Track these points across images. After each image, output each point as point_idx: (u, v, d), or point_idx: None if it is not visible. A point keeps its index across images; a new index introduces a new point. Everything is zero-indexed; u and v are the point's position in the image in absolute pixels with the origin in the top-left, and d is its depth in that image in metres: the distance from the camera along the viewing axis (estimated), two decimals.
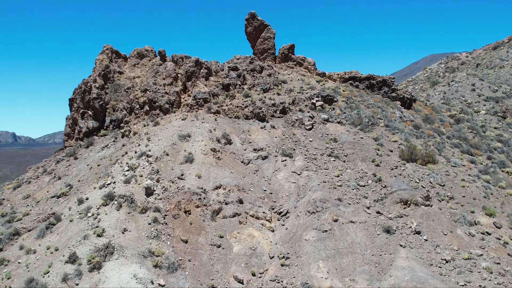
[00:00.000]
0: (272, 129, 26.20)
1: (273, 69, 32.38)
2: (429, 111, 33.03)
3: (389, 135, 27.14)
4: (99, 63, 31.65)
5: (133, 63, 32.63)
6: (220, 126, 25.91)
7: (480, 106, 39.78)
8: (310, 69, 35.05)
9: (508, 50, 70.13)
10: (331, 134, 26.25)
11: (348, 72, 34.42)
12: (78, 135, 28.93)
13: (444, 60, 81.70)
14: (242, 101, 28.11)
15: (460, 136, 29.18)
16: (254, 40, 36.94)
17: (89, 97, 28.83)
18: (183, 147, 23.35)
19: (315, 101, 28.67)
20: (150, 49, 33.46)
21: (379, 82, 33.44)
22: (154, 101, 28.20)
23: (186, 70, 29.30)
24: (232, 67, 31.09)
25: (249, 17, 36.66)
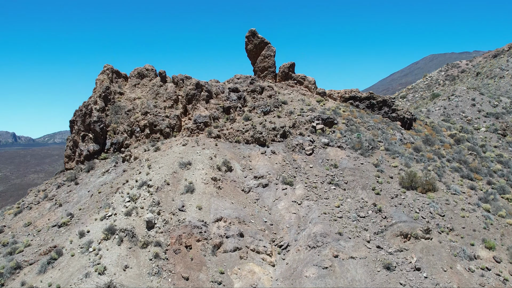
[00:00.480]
0: (273, 155, 26.26)
1: (273, 89, 32.42)
2: (429, 131, 33.08)
3: (390, 160, 27.22)
4: (100, 84, 31.69)
5: (134, 83, 32.67)
6: (220, 152, 25.97)
7: (480, 122, 39.84)
8: (311, 88, 35.09)
9: (508, 59, 70.19)
10: (331, 160, 26.32)
11: (348, 91, 34.47)
12: (79, 158, 28.99)
13: (444, 67, 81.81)
14: (242, 124, 28.15)
15: (460, 159, 29.23)
16: (254, 57, 36.97)
17: (90, 120, 28.88)
18: (184, 176, 23.41)
19: (315, 124, 28.72)
20: (151, 68, 33.50)
21: (379, 102, 33.49)
22: (154, 124, 28.25)
23: (187, 93, 29.34)
24: (232, 88, 31.13)
25: (250, 34, 36.69)
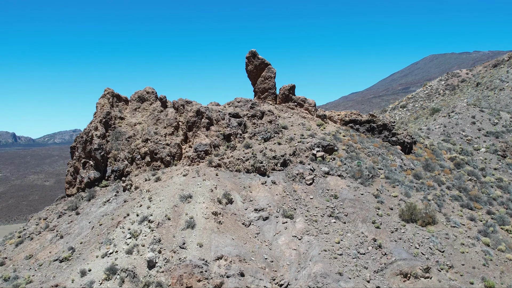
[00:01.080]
0: (273, 185, 26.35)
1: (274, 114, 32.48)
2: (429, 154, 33.15)
3: (390, 189, 27.31)
4: (100, 108, 31.76)
5: (134, 107, 32.72)
6: (221, 183, 26.04)
7: (480, 142, 39.91)
8: (311, 110, 35.15)
9: (508, 70, 70.24)
10: (331, 189, 26.40)
11: (349, 114, 34.54)
12: (79, 185, 29.07)
13: (444, 76, 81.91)
14: (243, 153, 28.23)
15: (460, 186, 29.31)
16: (254, 78, 37.01)
17: (91, 148, 28.95)
18: (185, 210, 23.49)
19: (315, 152, 28.80)
20: (151, 91, 33.54)
21: (379, 126, 33.56)
22: (155, 152, 28.32)
23: (188, 120, 29.41)
24: (233, 113, 31.19)
25: (250, 55, 36.72)
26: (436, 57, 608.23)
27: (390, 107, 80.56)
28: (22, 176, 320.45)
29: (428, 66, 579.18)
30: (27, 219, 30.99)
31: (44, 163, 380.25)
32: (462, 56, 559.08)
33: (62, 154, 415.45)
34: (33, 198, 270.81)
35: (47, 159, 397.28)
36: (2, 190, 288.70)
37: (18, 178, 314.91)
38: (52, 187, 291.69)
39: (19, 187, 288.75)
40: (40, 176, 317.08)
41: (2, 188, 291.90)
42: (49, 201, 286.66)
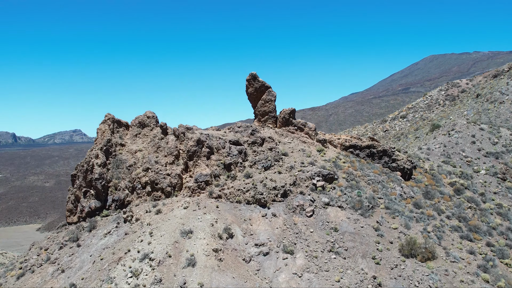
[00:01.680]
0: (273, 218, 26.44)
1: (274, 141, 32.57)
2: (429, 180, 33.25)
3: (390, 220, 27.42)
4: (101, 135, 31.83)
5: (135, 133, 32.80)
6: (222, 216, 26.13)
7: (480, 163, 40.01)
8: (311, 134, 35.23)
9: (508, 81, 70.36)
10: (331, 222, 26.50)
11: (349, 139, 34.61)
12: (80, 214, 29.16)
13: (444, 86, 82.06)
14: (243, 183, 28.30)
15: (460, 215, 29.41)
16: (255, 101, 37.09)
17: (91, 177, 29.03)
18: (185, 247, 23.58)
19: (315, 181, 28.88)
20: (151, 115, 33.63)
21: (379, 152, 33.64)
22: (156, 182, 28.40)
23: (188, 150, 29.48)
24: (233, 141, 31.26)
25: (250, 78, 36.79)
26: (436, 57, 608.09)
27: (390, 117, 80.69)
28: (22, 177, 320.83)
29: (428, 67, 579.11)
30: (29, 248, 31.09)
31: (44, 164, 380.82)
32: (462, 57, 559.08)
33: (62, 154, 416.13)
34: (33, 199, 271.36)
35: (47, 159, 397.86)
36: (2, 191, 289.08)
37: (18, 179, 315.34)
38: (52, 188, 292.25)
39: (19, 188, 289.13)
40: (40, 177, 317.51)
41: (2, 189, 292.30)
42: (49, 203, 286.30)
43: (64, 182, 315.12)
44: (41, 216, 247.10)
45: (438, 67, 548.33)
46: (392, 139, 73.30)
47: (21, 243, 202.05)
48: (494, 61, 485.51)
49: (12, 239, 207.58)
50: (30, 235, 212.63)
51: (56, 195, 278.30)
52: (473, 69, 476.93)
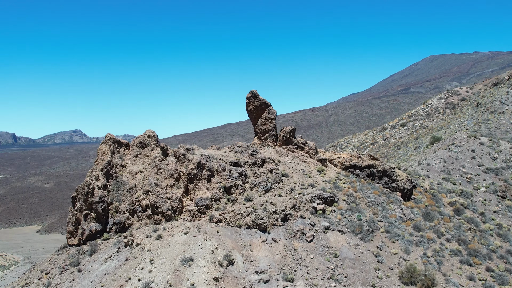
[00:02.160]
0: (274, 243, 26.50)
1: (274, 162, 32.64)
2: (429, 200, 33.33)
3: (389, 244, 27.50)
4: (101, 156, 31.89)
5: (135, 153, 32.86)
6: (222, 241, 26.19)
7: (480, 180, 40.07)
8: (311, 153, 35.29)
9: (508, 90, 70.44)
10: (332, 247, 26.58)
11: (349, 159, 34.67)
12: (81, 236, 29.23)
13: (444, 94, 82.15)
14: (244, 206, 28.37)
15: (460, 237, 29.48)
16: (255, 118, 37.16)
17: (92, 200, 29.10)
18: (186, 275, 23.65)
19: (316, 204, 28.95)
20: (152, 135, 33.72)
21: (379, 172, 33.70)
22: (156, 206, 28.46)
23: (188, 173, 29.53)
24: (233, 162, 31.32)
25: (250, 95, 36.85)
26: (436, 57, 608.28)
27: (390, 125, 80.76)
28: (22, 178, 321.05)
29: (428, 67, 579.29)
30: (29, 270, 31.17)
31: (44, 165, 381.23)
32: (462, 57, 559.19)
33: (62, 155, 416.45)
34: (33, 200, 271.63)
35: (47, 160, 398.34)
36: (2, 192, 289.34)
37: (18, 180, 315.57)
38: (52, 189, 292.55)
39: (19, 190, 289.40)
40: (40, 178, 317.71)
41: (2, 190, 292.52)
42: (49, 204, 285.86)
43: (64, 183, 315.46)
44: (41, 218, 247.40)
45: (438, 68, 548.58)
46: (392, 147, 73.39)
47: (21, 244, 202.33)
48: (494, 62, 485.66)
49: (12, 241, 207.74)
50: (30, 237, 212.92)
51: (56, 196, 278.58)
52: (473, 69, 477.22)
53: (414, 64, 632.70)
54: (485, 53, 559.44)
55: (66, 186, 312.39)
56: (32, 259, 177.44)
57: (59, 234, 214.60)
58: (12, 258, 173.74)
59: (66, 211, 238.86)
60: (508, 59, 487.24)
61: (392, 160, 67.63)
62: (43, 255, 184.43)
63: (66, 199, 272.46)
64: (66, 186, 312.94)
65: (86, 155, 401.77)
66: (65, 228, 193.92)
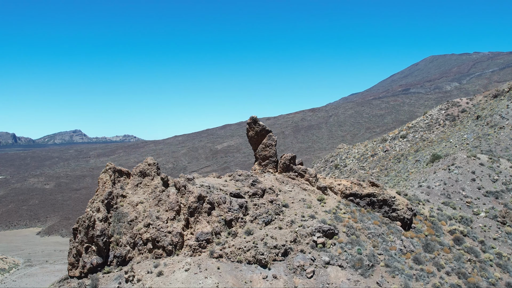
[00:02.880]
0: (274, 280, 26.59)
1: (274, 192, 32.72)
2: (429, 229, 33.42)
3: (389, 279, 27.60)
4: (102, 186, 31.96)
5: (136, 183, 32.93)
6: (223, 279, 26.29)
7: (480, 204, 40.17)
8: (311, 181, 35.37)
9: (508, 104, 70.53)
10: (332, 284, 26.68)
11: (349, 187, 34.75)
12: (82, 269, 29.32)
13: (444, 105, 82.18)
14: (244, 241, 28.45)
15: (460, 270, 29.57)
16: (255, 144, 37.23)
17: (93, 233, 29.18)
18: None
19: (316, 238, 29.04)
20: (152, 162, 33.79)
21: (379, 201, 33.79)
22: (157, 240, 28.55)
23: (189, 206, 29.61)
24: (234, 193, 31.39)
25: (251, 121, 36.93)
26: (436, 58, 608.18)
27: (390, 136, 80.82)
28: (22, 179, 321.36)
29: (428, 67, 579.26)
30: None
31: (44, 165, 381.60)
32: (462, 57, 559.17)
33: (62, 155, 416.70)
34: (33, 202, 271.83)
35: (47, 161, 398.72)
36: (2, 193, 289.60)
37: (18, 181, 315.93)
38: (52, 191, 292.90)
39: (19, 191, 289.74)
40: (40, 179, 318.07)
41: (2, 192, 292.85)
42: (49, 206, 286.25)
43: (64, 184, 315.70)
44: (41, 220, 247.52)
45: (438, 68, 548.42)
46: (392, 160, 73.47)
47: (21, 247, 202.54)
48: (494, 62, 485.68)
49: (12, 244, 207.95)
50: (30, 239, 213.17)
51: (56, 198, 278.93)
52: (473, 69, 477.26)
53: (414, 65, 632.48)
54: (485, 54, 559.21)
55: (66, 187, 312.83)
56: (32, 262, 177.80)
57: (59, 237, 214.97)
58: (12, 261, 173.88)
59: (66, 212, 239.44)
60: (508, 60, 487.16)
61: (392, 173, 67.76)
62: (43, 258, 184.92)
63: (66, 200, 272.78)
64: (66, 187, 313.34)
65: (86, 155, 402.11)
66: (65, 230, 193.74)
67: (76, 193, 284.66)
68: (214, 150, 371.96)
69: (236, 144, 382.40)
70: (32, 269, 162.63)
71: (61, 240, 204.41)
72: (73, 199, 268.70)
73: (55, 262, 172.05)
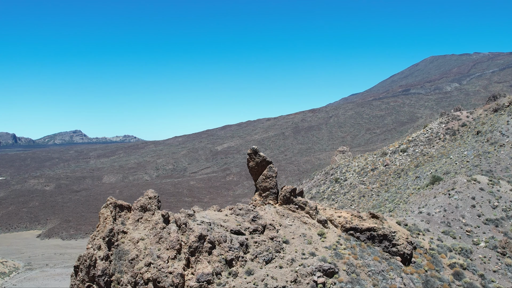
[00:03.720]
0: None
1: (275, 228, 32.81)
2: (429, 264, 33.55)
3: None
4: (103, 221, 32.06)
5: (137, 218, 33.00)
6: None
7: (480, 233, 40.28)
8: (312, 214, 35.48)
9: (508, 120, 70.65)
10: None
11: (349, 220, 34.84)
12: None
13: (444, 119, 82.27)
14: (245, 281, 28.55)
15: None
16: (256, 174, 37.32)
17: (94, 273, 29.28)
18: None
19: (316, 277, 29.14)
20: (153, 195, 33.86)
21: (379, 235, 33.89)
22: (158, 281, 28.63)
23: (190, 246, 29.70)
24: (235, 230, 31.49)
25: (251, 152, 37.01)
26: (436, 58, 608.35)
27: (390, 149, 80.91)
28: (22, 180, 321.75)
29: (429, 68, 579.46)
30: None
31: (44, 166, 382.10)
32: (462, 58, 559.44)
33: (62, 156, 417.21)
34: (33, 204, 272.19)
35: (47, 161, 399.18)
36: (3, 195, 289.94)
37: (19, 182, 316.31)
38: (52, 192, 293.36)
39: (19, 192, 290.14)
40: (40, 180, 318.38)
41: (3, 193, 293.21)
42: (49, 208, 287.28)
43: (64, 185, 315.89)
44: (41, 222, 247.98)
45: (438, 68, 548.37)
46: (392, 175, 73.58)
47: (21, 250, 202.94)
48: (494, 62, 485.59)
49: (13, 246, 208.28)
50: (30, 242, 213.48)
51: (56, 200, 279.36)
52: (473, 70, 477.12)
53: (414, 65, 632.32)
54: (485, 54, 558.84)
55: (66, 188, 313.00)
56: (32, 265, 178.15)
57: (59, 240, 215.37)
58: (12, 265, 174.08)
59: (66, 215, 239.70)
60: (508, 60, 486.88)
61: (393, 189, 67.84)
62: (43, 261, 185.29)
63: (66, 202, 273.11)
64: (66, 188, 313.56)
65: (86, 156, 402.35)
66: (65, 233, 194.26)
67: (76, 195, 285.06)
68: (214, 151, 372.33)
69: (236, 145, 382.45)
70: (32, 273, 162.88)
71: (61, 243, 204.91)
72: (73, 201, 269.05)
73: (55, 266, 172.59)
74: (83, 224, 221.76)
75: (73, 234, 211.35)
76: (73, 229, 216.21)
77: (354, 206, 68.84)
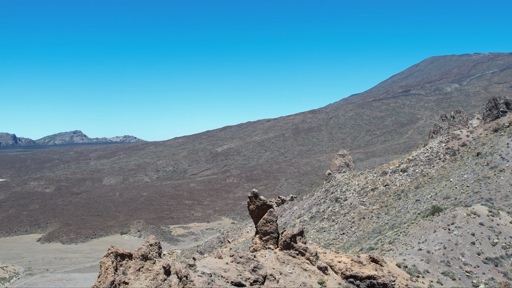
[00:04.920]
0: None
1: (276, 279, 32.94)
2: None
3: None
4: (104, 272, 32.11)
5: (138, 267, 33.09)
6: None
7: (479, 274, 40.42)
8: (312, 260, 35.59)
9: (508, 142, 70.79)
10: None
11: (349, 268, 34.96)
12: None
13: (444, 138, 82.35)
14: None
15: None
16: (256, 217, 37.41)
17: None
18: None
19: None
20: (154, 242, 33.92)
21: (379, 284, 34.01)
22: None
23: None
24: (235, 282, 31.63)
25: (252, 195, 37.06)
26: (436, 59, 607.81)
27: (390, 169, 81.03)
28: (23, 182, 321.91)
29: (429, 68, 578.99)
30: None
31: (44, 167, 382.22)
32: (463, 58, 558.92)
33: (63, 157, 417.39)
34: (33, 207, 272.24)
35: (47, 163, 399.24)
36: (3, 197, 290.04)
37: (19, 184, 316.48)
38: (52, 195, 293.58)
39: (20, 195, 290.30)
40: (40, 182, 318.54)
41: (3, 196, 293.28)
42: (49, 211, 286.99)
43: (65, 187, 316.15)
44: (41, 226, 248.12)
45: (438, 69, 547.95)
46: (392, 196, 73.78)
47: (21, 255, 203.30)
48: (494, 63, 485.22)
49: (13, 251, 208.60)
50: (30, 246, 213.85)
51: (57, 202, 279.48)
52: (473, 71, 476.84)
53: (414, 65, 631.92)
54: (485, 54, 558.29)
55: (67, 191, 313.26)
56: (32, 270, 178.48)
57: (59, 244, 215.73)
58: (12, 270, 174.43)
59: (67, 218, 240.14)
60: (508, 61, 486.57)
61: (393, 212, 68.04)
62: (44, 266, 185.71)
63: (67, 205, 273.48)
64: (66, 191, 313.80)
65: (87, 157, 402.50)
66: (66, 237, 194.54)
67: (76, 197, 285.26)
68: (214, 153, 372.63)
69: (236, 147, 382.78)
70: (32, 278, 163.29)
71: (61, 248, 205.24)
72: (73, 203, 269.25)
73: (56, 271, 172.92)
74: (83, 227, 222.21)
75: (74, 238, 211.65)
76: (73, 233, 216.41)
77: (354, 229, 69.08)
